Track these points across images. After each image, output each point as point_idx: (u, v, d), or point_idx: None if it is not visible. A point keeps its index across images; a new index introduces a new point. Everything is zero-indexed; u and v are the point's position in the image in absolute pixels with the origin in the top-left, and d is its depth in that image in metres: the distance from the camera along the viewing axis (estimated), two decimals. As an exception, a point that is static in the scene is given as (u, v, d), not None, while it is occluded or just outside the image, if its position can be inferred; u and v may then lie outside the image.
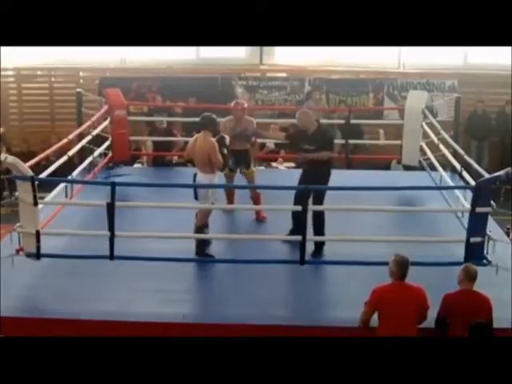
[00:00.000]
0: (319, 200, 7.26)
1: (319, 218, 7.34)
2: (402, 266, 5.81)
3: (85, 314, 6.25)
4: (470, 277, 5.83)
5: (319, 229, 7.35)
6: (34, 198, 6.47)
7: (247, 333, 5.80)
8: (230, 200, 8.49)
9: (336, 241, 7.21)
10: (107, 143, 10.27)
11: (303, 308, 6.53)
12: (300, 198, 6.92)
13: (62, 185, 8.11)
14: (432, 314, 5.92)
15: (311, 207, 6.68)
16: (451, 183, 8.88)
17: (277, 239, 7.13)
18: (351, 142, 11.07)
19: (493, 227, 7.43)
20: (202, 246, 7.29)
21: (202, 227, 7.32)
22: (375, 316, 5.87)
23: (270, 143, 12.93)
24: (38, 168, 7.71)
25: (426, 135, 10.22)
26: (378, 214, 8.03)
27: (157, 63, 13.91)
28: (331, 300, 6.71)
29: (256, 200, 8.27)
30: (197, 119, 12.25)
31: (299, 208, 6.61)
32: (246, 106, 8.58)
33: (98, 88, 13.10)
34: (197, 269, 7.16)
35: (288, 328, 6.09)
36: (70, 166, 9.22)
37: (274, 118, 13.48)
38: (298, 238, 6.66)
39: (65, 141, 9.04)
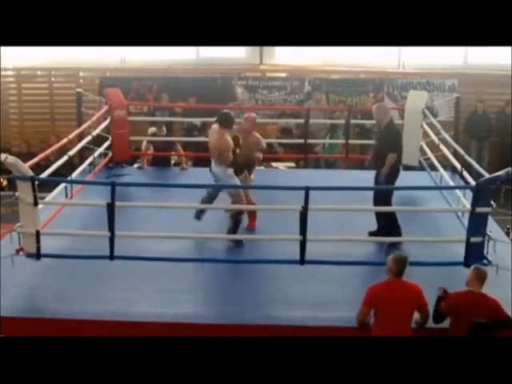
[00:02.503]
0: (386, 200, 7.45)
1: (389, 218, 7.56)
2: (399, 264, 5.81)
3: (85, 314, 6.25)
4: (480, 278, 5.84)
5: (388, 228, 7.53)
6: (34, 198, 6.47)
7: (247, 333, 5.80)
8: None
9: (336, 241, 7.21)
10: (107, 143, 10.27)
11: (303, 308, 6.53)
12: (378, 198, 7.49)
13: (62, 185, 8.11)
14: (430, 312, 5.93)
15: (312, 207, 6.66)
16: (451, 183, 8.88)
17: (277, 239, 7.12)
18: (351, 142, 11.10)
19: (493, 227, 7.43)
20: (234, 231, 7.53)
21: (238, 213, 7.53)
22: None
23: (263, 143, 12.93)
24: (38, 168, 7.69)
25: (426, 135, 10.22)
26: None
27: (157, 63, 13.91)
28: (331, 300, 6.70)
29: (250, 212, 8.09)
30: (197, 119, 12.37)
31: (299, 208, 6.60)
32: (256, 119, 8.41)
33: (98, 88, 13.10)
34: (197, 269, 7.16)
35: (288, 328, 6.09)
36: (70, 166, 9.23)
37: (275, 118, 13.51)
38: (298, 237, 6.66)
39: (65, 141, 9.05)
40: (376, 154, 7.90)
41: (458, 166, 8.68)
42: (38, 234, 6.57)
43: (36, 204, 6.52)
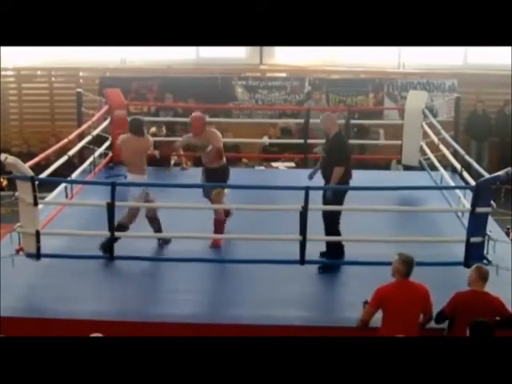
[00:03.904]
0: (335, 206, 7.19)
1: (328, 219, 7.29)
2: (408, 265, 5.81)
3: (85, 314, 6.25)
4: (482, 277, 5.83)
5: (329, 229, 7.27)
6: (34, 198, 6.48)
7: (247, 333, 5.80)
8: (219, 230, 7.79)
9: (336, 241, 7.21)
10: (107, 143, 10.27)
11: (303, 308, 6.53)
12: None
13: (63, 185, 8.12)
14: (434, 313, 5.93)
15: (312, 207, 6.67)
16: (451, 183, 8.88)
17: (277, 239, 7.12)
18: (351, 142, 11.09)
19: (493, 227, 7.43)
20: (111, 242, 7.08)
21: (124, 226, 7.30)
22: (375, 315, 5.87)
23: (265, 140, 12.95)
24: (38, 168, 7.70)
25: (426, 135, 10.22)
26: (378, 214, 8.03)
27: (157, 63, 13.91)
28: (331, 300, 6.71)
29: (217, 225, 7.72)
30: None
31: (299, 208, 6.61)
32: (205, 119, 8.01)
33: (98, 88, 13.10)
34: (197, 269, 7.16)
35: (288, 328, 6.09)
36: (71, 166, 9.23)
37: (275, 118, 13.52)
38: (298, 237, 6.66)
39: (65, 141, 9.06)
40: (324, 166, 7.45)
41: (457, 166, 8.68)
42: (38, 234, 6.58)
43: (36, 204, 6.52)
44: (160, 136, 10.95)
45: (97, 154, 9.93)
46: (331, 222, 7.22)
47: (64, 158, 8.54)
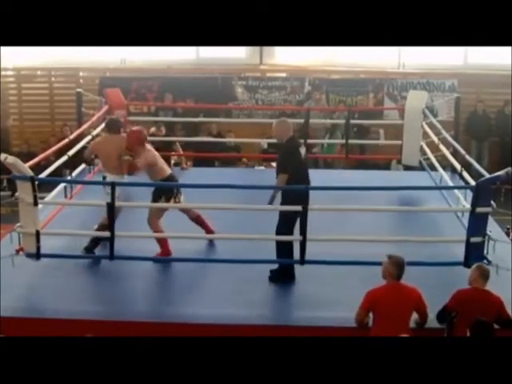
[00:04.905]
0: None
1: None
2: (399, 267, 5.81)
3: (85, 314, 6.25)
4: (483, 275, 5.84)
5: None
6: (34, 198, 6.47)
7: (246, 333, 5.79)
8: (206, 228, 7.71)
9: (336, 241, 7.20)
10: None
11: (303, 308, 6.53)
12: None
13: (62, 185, 8.11)
14: (432, 314, 5.93)
15: (312, 207, 6.67)
16: (451, 183, 8.88)
17: (277, 239, 7.11)
18: (351, 142, 11.12)
19: (493, 227, 7.43)
20: (95, 244, 7.18)
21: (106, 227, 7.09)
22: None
23: (264, 143, 12.96)
24: (38, 168, 7.70)
25: (426, 135, 10.23)
26: (377, 214, 8.03)
27: (157, 63, 13.92)
28: (330, 300, 6.70)
29: (198, 221, 7.65)
30: (196, 119, 12.35)
31: (299, 208, 6.61)
32: (143, 135, 7.69)
33: (98, 88, 13.10)
34: (196, 269, 7.16)
35: (287, 328, 6.09)
36: (70, 165, 9.23)
37: (275, 118, 13.51)
38: (298, 237, 6.66)
39: (65, 141, 9.06)
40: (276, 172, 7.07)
41: (457, 166, 8.67)
42: (38, 234, 6.57)
43: (36, 204, 6.51)
44: (159, 136, 10.94)
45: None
46: (284, 224, 6.84)
47: (64, 158, 8.54)
